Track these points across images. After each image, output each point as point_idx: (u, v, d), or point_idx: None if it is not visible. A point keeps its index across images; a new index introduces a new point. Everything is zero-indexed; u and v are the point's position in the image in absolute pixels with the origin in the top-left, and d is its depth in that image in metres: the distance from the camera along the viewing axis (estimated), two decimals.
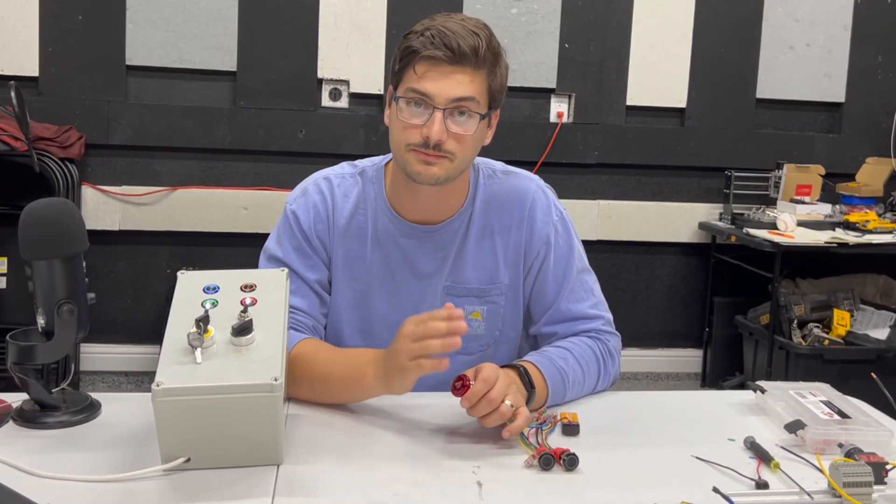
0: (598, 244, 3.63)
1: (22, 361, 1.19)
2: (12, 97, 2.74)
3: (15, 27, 3.24)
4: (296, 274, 1.43)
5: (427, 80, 1.31)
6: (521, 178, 1.52)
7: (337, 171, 1.51)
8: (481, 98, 1.34)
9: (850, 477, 1.03)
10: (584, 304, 1.50)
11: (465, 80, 1.32)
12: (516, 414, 1.18)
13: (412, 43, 1.32)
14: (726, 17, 3.63)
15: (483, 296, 1.49)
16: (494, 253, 1.48)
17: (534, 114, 3.59)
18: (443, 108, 1.31)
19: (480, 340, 1.50)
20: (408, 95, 1.33)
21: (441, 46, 1.30)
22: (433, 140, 1.31)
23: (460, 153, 1.35)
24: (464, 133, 1.33)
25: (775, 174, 3.57)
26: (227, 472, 1.07)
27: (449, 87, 1.31)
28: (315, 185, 1.48)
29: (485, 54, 1.32)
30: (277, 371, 1.06)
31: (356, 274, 1.47)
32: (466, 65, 1.31)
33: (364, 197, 1.48)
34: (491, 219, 1.48)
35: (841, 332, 3.19)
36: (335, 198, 1.47)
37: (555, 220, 1.50)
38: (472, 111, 1.33)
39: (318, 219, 1.46)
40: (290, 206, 1.47)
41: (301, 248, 1.45)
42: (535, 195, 1.50)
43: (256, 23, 3.37)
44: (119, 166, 3.37)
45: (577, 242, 1.53)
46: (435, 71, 1.31)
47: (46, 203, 1.19)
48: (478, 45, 1.31)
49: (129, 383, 3.46)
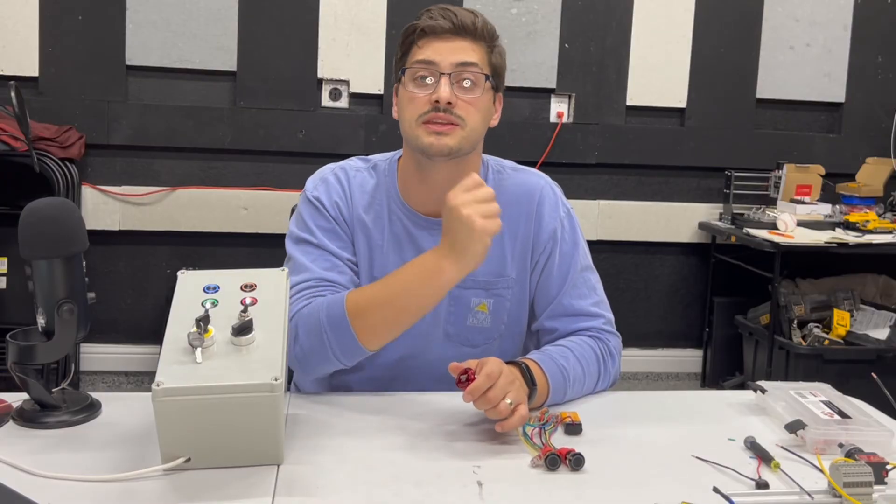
0: (598, 244, 3.63)
1: (22, 361, 1.19)
2: (12, 97, 2.74)
3: (15, 27, 3.24)
4: (330, 252, 1.43)
5: (430, 50, 1.38)
6: (529, 175, 1.56)
7: (351, 164, 1.52)
8: (484, 67, 1.40)
9: (850, 477, 1.03)
10: (587, 301, 1.51)
11: (466, 47, 1.39)
12: (514, 411, 1.19)
13: (413, 24, 1.40)
14: (726, 17, 3.63)
15: (490, 288, 1.50)
16: (502, 247, 1.49)
17: (534, 114, 3.59)
18: (448, 73, 1.36)
19: (486, 333, 1.51)
20: (413, 67, 1.38)
21: (440, 18, 1.38)
22: (443, 101, 1.35)
23: (470, 120, 1.38)
24: (471, 98, 1.38)
25: (775, 174, 3.57)
26: (227, 472, 1.07)
27: (452, 53, 1.37)
28: (333, 174, 1.50)
29: (482, 28, 1.41)
30: (277, 371, 1.06)
31: (374, 261, 1.47)
32: (467, 36, 1.39)
33: (378, 188, 1.49)
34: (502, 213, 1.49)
35: (841, 332, 3.19)
36: (352, 188, 1.49)
37: (562, 216, 1.53)
38: (477, 74, 1.38)
39: (342, 203, 1.47)
40: (311, 194, 1.48)
41: (332, 230, 1.45)
42: (543, 191, 1.53)
43: (256, 23, 3.37)
44: (119, 166, 3.37)
45: (583, 240, 1.55)
46: (437, 40, 1.38)
47: (46, 203, 1.19)
48: (475, 20, 1.41)
49: (129, 383, 3.46)
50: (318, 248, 1.43)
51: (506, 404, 1.18)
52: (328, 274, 1.41)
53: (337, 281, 1.41)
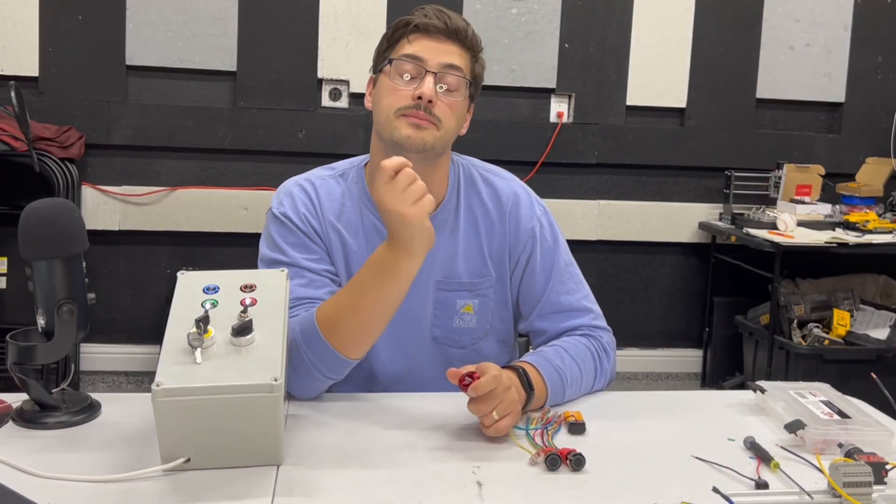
0: (598, 244, 3.63)
1: (22, 361, 1.19)
2: (12, 97, 2.74)
3: (15, 27, 3.24)
4: (304, 269, 1.41)
5: (420, 47, 1.39)
6: (501, 177, 1.56)
7: (315, 174, 1.52)
8: (467, 73, 1.42)
9: (849, 477, 1.03)
10: (576, 295, 1.51)
11: (454, 51, 1.41)
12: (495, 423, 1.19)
13: (406, 18, 1.41)
14: (726, 17, 3.63)
15: (474, 289, 1.50)
16: (480, 248, 1.50)
17: (534, 114, 3.59)
18: (435, 72, 1.37)
19: (473, 334, 1.51)
20: (401, 60, 1.39)
21: (434, 17, 1.39)
22: (426, 97, 1.36)
23: (446, 122, 1.39)
24: (451, 101, 1.39)
25: (775, 174, 3.57)
26: (227, 472, 1.07)
27: (440, 53, 1.39)
28: (297, 185, 1.49)
29: (472, 37, 1.43)
30: (277, 371, 1.06)
31: (351, 268, 1.46)
32: (457, 40, 1.41)
33: (349, 194, 1.48)
34: (475, 213, 1.51)
35: (841, 332, 3.19)
36: (320, 196, 1.47)
37: (538, 214, 1.53)
38: (460, 79, 1.40)
39: (310, 214, 1.46)
40: (277, 210, 1.46)
41: (303, 244, 1.44)
42: (516, 191, 1.53)
43: (256, 23, 3.37)
44: (119, 166, 3.37)
45: (561, 236, 1.56)
46: (428, 39, 1.39)
47: (46, 203, 1.19)
48: (466, 27, 1.43)
49: (129, 383, 3.46)
50: (291, 267, 1.39)
51: (491, 417, 1.19)
52: (304, 291, 1.39)
53: (314, 297, 1.39)
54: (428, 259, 1.46)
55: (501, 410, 1.19)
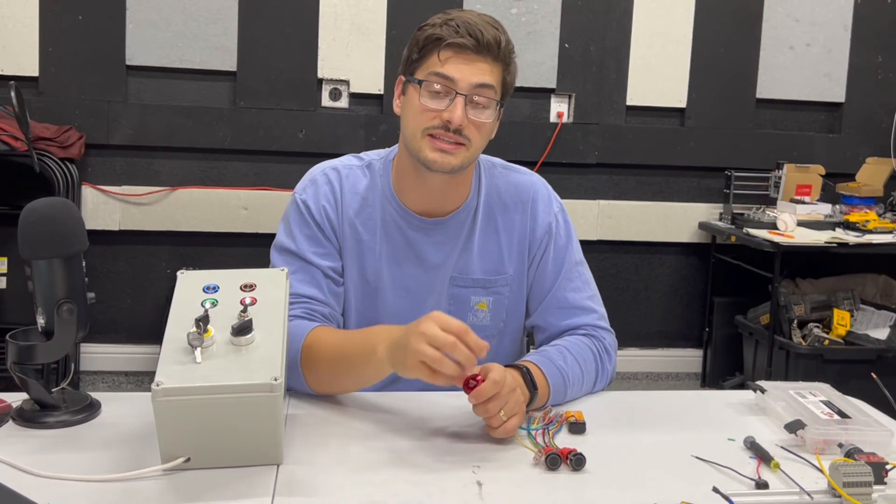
0: (598, 244, 3.63)
1: (22, 361, 1.19)
2: (12, 97, 2.74)
3: (15, 27, 3.24)
4: (309, 263, 1.43)
5: (451, 66, 1.35)
6: (520, 173, 1.57)
7: (344, 163, 1.52)
8: (498, 89, 1.39)
9: (850, 477, 1.03)
10: (581, 294, 1.52)
11: (486, 68, 1.36)
12: (504, 423, 1.19)
13: (436, 31, 1.36)
14: (726, 17, 3.63)
15: (489, 286, 1.51)
16: (499, 244, 1.50)
17: (534, 114, 3.59)
18: (465, 94, 1.34)
19: (485, 331, 1.51)
20: (430, 79, 1.35)
21: (466, 35, 1.34)
22: (455, 124, 1.34)
23: (476, 141, 1.38)
24: (482, 121, 1.37)
25: (775, 174, 3.57)
26: (227, 472, 1.07)
27: (472, 73, 1.35)
28: (324, 174, 1.49)
29: (505, 48, 1.38)
30: (277, 371, 1.06)
31: (365, 264, 1.47)
32: (488, 55, 1.36)
33: (372, 188, 1.49)
34: (494, 211, 1.51)
35: (841, 332, 3.19)
36: (344, 188, 1.48)
37: (556, 211, 1.54)
38: (490, 99, 1.37)
39: (330, 207, 1.46)
40: (299, 196, 1.48)
41: (314, 237, 1.45)
42: (536, 187, 1.54)
43: (256, 23, 3.37)
44: (119, 166, 3.37)
45: (575, 235, 1.56)
46: (459, 57, 1.35)
47: (46, 202, 1.19)
48: (499, 38, 1.37)
49: (129, 383, 3.46)
50: (299, 260, 1.42)
51: (499, 418, 1.19)
52: (305, 289, 1.41)
53: (314, 296, 1.41)
54: (444, 256, 1.47)
55: (508, 411, 1.19)
